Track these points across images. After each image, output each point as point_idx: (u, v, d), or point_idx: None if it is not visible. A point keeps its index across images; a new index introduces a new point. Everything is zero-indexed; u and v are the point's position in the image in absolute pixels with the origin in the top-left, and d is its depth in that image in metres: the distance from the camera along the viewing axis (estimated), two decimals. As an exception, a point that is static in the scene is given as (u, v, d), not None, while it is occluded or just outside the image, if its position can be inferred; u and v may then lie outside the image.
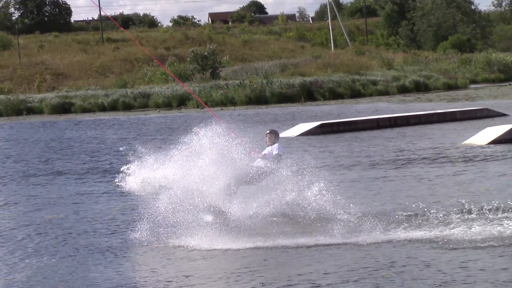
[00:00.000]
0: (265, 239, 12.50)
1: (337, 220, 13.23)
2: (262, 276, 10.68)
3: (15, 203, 18.18)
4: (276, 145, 14.81)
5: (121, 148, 17.31)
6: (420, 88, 63.04)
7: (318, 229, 12.92)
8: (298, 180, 14.00)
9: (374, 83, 62.08)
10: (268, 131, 15.08)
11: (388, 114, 39.79)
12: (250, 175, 14.08)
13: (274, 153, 14.63)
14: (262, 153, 14.69)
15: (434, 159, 21.79)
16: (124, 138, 35.62)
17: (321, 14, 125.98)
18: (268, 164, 14.31)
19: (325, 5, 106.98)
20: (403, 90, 61.74)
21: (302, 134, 32.82)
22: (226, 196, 13.61)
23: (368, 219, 13.17)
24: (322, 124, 34.78)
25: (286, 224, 13.59)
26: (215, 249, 12.29)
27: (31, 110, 60.18)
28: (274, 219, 13.84)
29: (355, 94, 59.37)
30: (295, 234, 12.89)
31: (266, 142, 14.90)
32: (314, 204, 13.67)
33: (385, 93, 60.56)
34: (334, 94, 58.46)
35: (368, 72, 68.19)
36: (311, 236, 12.63)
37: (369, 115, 39.36)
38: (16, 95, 64.33)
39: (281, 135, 25.44)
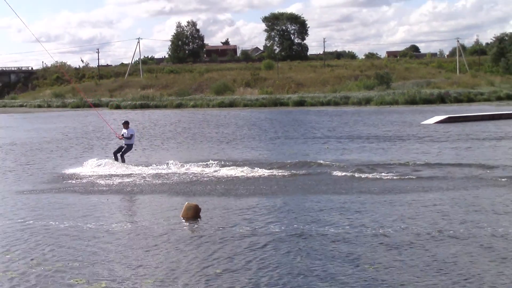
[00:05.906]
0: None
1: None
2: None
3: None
4: (130, 129, 22.05)
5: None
6: (511, 97, 77.93)
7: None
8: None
9: (482, 94, 79.42)
10: (123, 122, 22.24)
11: (491, 112, 47.14)
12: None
13: (129, 133, 21.79)
14: (121, 133, 22.01)
15: None
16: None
17: (453, 52, 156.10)
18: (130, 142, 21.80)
19: (455, 48, 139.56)
20: (499, 98, 77.15)
21: (437, 122, 39.10)
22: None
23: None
24: (449, 117, 41.14)
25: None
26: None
27: (282, 104, 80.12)
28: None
29: (470, 99, 75.24)
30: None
31: (123, 128, 21.90)
32: None
33: (488, 100, 75.59)
34: (457, 100, 73.83)
35: (478, 87, 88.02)
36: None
37: (479, 112, 46.70)
38: (274, 95, 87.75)
39: (423, 123, 34.53)
